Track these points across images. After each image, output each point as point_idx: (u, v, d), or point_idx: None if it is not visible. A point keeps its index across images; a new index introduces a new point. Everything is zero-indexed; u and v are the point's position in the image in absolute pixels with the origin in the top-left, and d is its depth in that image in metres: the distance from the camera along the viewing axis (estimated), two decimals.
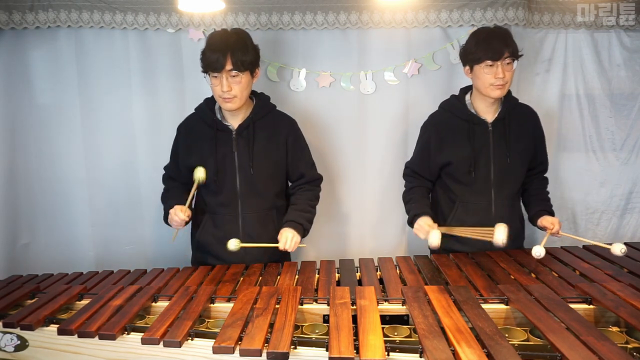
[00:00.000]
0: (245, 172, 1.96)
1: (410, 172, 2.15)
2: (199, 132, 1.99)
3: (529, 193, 2.12)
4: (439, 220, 2.03)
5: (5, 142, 2.42)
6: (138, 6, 2.33)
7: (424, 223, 1.91)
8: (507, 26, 2.39)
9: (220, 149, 1.96)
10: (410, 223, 2.01)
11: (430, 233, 1.82)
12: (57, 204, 2.53)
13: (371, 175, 2.57)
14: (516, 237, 2.09)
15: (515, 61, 1.93)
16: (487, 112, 2.02)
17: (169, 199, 2.01)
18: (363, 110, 2.51)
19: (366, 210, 2.61)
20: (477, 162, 2.00)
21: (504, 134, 2.00)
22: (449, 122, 2.04)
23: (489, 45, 1.88)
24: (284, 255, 2.08)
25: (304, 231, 1.95)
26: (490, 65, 1.89)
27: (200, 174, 1.89)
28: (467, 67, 1.98)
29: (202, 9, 2.29)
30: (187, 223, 1.96)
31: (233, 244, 1.82)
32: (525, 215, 2.15)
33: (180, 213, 1.89)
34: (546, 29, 2.49)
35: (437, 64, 2.46)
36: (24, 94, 2.42)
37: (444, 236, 1.84)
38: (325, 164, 2.54)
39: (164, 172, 2.14)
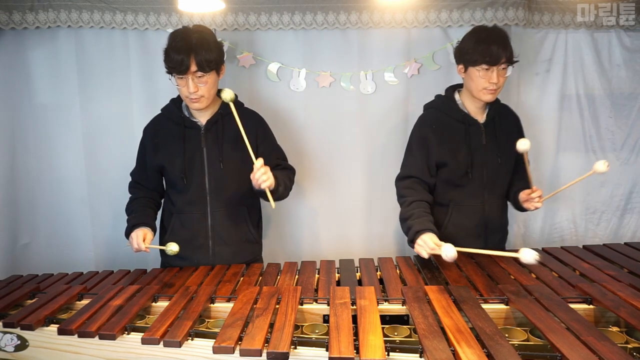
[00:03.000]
0: (214, 169, 1.95)
1: (410, 183, 1.98)
2: (167, 130, 1.97)
3: (515, 189, 2.02)
4: None
5: (5, 142, 2.42)
6: (138, 6, 2.33)
7: (429, 240, 1.71)
8: (507, 26, 2.39)
9: (189, 146, 1.94)
10: (412, 241, 1.81)
11: (443, 246, 1.58)
12: (57, 204, 2.53)
13: (372, 175, 2.57)
14: (505, 234, 2.14)
15: (510, 67, 1.89)
16: (478, 113, 2.01)
17: (133, 212, 1.97)
18: (363, 110, 2.51)
19: (367, 210, 2.61)
20: (473, 164, 1.99)
21: (495, 135, 2.00)
22: (445, 123, 2.00)
23: (487, 48, 1.83)
24: (256, 257, 2.08)
25: (276, 185, 1.85)
26: (486, 70, 1.86)
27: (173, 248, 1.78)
28: (461, 66, 1.95)
29: (202, 9, 2.29)
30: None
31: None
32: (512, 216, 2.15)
33: (142, 243, 1.82)
34: (546, 29, 2.49)
35: (437, 64, 2.46)
36: (24, 93, 2.42)
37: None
38: (325, 164, 2.55)
39: (132, 175, 2.09)
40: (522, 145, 1.80)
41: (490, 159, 2.00)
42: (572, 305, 1.43)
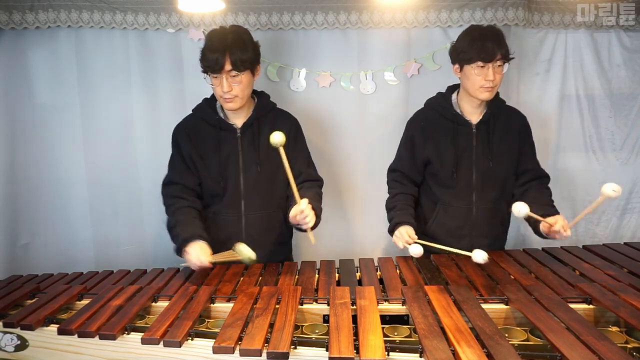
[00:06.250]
0: (249, 172, 1.94)
1: (397, 176, 2.07)
2: (202, 132, 1.95)
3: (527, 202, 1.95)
4: (421, 223, 2.02)
5: (5, 142, 2.42)
6: (138, 6, 2.33)
7: (405, 232, 1.84)
8: (507, 26, 2.39)
9: (224, 148, 1.93)
10: (391, 231, 1.93)
11: (412, 246, 1.80)
12: (57, 204, 2.53)
13: (371, 175, 2.57)
14: (495, 239, 2.08)
15: (507, 64, 1.88)
16: (473, 113, 1.98)
17: (179, 224, 1.84)
18: (363, 110, 2.51)
19: (367, 210, 2.61)
20: (459, 164, 1.97)
21: (487, 137, 1.96)
22: (434, 120, 2.00)
23: (482, 45, 1.82)
24: (287, 258, 2.08)
25: (316, 221, 1.82)
26: (482, 67, 1.84)
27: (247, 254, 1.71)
28: (457, 66, 1.93)
29: (202, 9, 2.29)
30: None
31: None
32: (513, 219, 2.09)
33: (204, 258, 1.73)
34: (546, 29, 2.49)
35: (437, 64, 2.46)
36: (24, 94, 2.43)
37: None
38: (325, 164, 2.54)
39: (168, 184, 1.95)
40: (517, 210, 1.67)
41: (480, 161, 1.97)
42: (572, 305, 1.43)
